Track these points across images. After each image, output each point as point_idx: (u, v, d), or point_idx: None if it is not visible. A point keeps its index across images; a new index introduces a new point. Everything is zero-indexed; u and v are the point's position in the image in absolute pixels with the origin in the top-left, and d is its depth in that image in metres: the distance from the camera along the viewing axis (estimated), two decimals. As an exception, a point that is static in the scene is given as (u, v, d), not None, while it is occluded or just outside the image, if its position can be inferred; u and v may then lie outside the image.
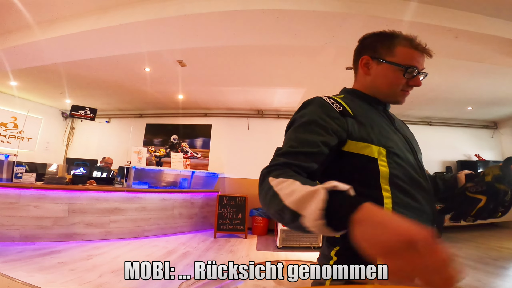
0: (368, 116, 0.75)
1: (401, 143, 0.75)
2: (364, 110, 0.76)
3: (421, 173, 0.74)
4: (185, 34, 3.09)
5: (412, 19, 2.53)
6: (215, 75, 4.45)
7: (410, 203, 0.68)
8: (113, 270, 2.88)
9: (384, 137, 0.72)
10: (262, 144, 6.20)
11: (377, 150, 0.69)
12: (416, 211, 0.68)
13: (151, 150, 6.67)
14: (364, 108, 0.78)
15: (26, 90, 5.80)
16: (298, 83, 4.63)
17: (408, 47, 0.76)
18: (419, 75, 0.77)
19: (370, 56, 0.81)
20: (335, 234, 0.45)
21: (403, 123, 0.91)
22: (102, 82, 4.99)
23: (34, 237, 3.66)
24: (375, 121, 0.75)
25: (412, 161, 0.74)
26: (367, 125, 0.72)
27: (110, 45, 3.40)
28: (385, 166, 0.68)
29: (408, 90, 0.79)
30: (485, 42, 2.85)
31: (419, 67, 0.76)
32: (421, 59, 0.77)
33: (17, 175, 3.82)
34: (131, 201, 4.45)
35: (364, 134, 0.70)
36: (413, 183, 0.70)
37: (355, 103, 0.76)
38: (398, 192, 0.67)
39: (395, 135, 0.76)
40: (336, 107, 0.72)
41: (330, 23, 2.73)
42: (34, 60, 3.90)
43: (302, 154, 0.64)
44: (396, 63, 0.75)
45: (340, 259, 0.68)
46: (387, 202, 0.66)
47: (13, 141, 6.08)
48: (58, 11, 3.12)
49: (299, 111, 0.76)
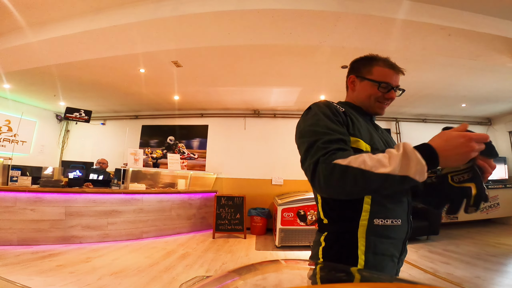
0: (359, 121, 0.90)
1: (382, 145, 0.91)
2: (356, 117, 0.91)
3: None
4: (180, 34, 3.08)
5: (405, 17, 2.56)
6: (210, 76, 4.44)
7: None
8: (112, 272, 2.88)
9: (370, 138, 0.87)
10: (259, 144, 6.21)
11: (365, 146, 0.84)
12: (393, 201, 0.82)
13: (148, 152, 6.64)
14: (356, 116, 0.93)
15: (20, 93, 5.74)
16: (294, 83, 4.64)
17: (383, 67, 0.94)
18: (393, 90, 0.94)
19: (355, 75, 1.00)
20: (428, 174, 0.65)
21: (387, 133, 1.06)
22: (97, 84, 4.95)
23: (31, 240, 3.63)
24: (363, 126, 0.89)
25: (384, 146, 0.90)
26: (358, 126, 0.87)
27: (104, 46, 3.38)
28: None
29: (385, 102, 0.96)
30: (477, 40, 2.89)
31: (393, 83, 0.93)
32: (395, 76, 0.94)
33: (12, 178, 3.79)
34: (129, 203, 4.43)
35: (356, 131, 0.85)
36: None
37: (349, 111, 0.92)
38: None
39: (378, 138, 0.91)
40: (339, 108, 0.89)
41: (325, 22, 2.74)
42: (27, 62, 3.86)
43: (340, 140, 0.78)
44: (372, 79, 0.94)
45: (327, 244, 0.84)
46: None
47: (8, 145, 6.01)
48: (50, 13, 3.09)
49: (307, 113, 0.91)
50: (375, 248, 0.78)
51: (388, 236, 0.80)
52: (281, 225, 4.37)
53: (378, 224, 0.79)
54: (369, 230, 0.79)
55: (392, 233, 0.81)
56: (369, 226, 0.79)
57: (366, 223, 0.79)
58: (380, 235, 0.79)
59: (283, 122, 6.32)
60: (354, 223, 0.80)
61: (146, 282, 2.66)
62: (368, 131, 0.89)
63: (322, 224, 0.88)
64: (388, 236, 0.80)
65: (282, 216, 4.41)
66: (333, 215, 0.85)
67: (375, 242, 0.79)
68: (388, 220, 0.80)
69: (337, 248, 0.82)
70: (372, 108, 0.97)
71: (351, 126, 0.85)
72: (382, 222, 0.79)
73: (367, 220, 0.79)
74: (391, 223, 0.80)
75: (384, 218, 0.80)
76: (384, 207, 0.80)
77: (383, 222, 0.79)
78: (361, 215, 0.79)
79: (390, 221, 0.80)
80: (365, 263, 0.78)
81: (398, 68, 0.94)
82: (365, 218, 0.79)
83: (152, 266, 3.16)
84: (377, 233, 0.79)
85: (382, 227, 0.79)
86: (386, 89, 0.93)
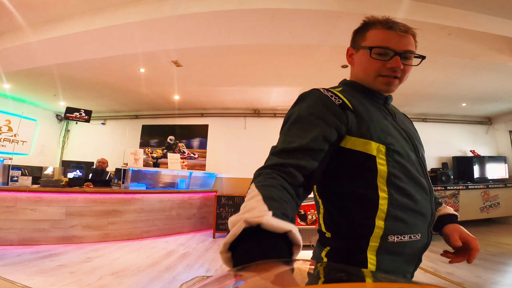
0: (368, 109, 0.70)
1: (402, 139, 0.70)
2: (364, 104, 0.71)
3: (422, 172, 0.70)
4: (180, 34, 3.08)
5: (405, 17, 2.55)
6: (210, 75, 4.44)
7: (408, 204, 0.65)
8: (113, 272, 2.88)
9: (384, 133, 0.67)
10: (259, 143, 6.20)
11: (377, 147, 0.64)
12: (413, 213, 0.65)
13: (148, 152, 6.64)
14: (363, 101, 0.72)
15: (20, 93, 5.74)
16: (294, 82, 4.64)
17: (380, 29, 0.70)
18: (397, 56, 0.68)
19: (351, 47, 0.80)
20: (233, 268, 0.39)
21: (406, 117, 0.86)
22: (97, 84, 4.95)
23: (32, 240, 3.64)
24: (374, 116, 0.69)
25: (414, 158, 0.69)
26: (367, 119, 0.67)
27: (104, 46, 3.38)
28: (383, 165, 0.64)
29: (390, 75, 0.71)
30: (478, 39, 2.88)
31: (395, 47, 0.68)
32: (397, 39, 0.69)
33: (13, 178, 3.79)
34: (129, 202, 4.43)
35: (364, 129, 0.65)
36: (413, 183, 0.67)
37: (354, 96, 0.71)
38: (396, 192, 0.64)
39: (396, 131, 0.70)
40: (335, 100, 0.67)
41: (325, 22, 2.74)
42: (27, 62, 3.86)
43: (299, 151, 0.58)
44: (365, 46, 0.72)
45: (329, 261, 0.68)
46: (383, 203, 0.63)
47: (8, 145, 6.01)
48: (50, 13, 3.09)
49: (295, 105, 0.70)
50: (386, 267, 0.65)
51: (403, 253, 0.66)
52: (282, 225, 4.36)
53: (393, 242, 0.63)
54: (381, 248, 0.64)
55: (408, 249, 0.66)
56: (381, 244, 0.63)
57: (378, 241, 0.63)
58: (394, 253, 0.65)
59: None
60: (363, 240, 0.64)
61: (147, 282, 2.66)
62: (382, 124, 0.69)
63: (324, 237, 0.72)
64: (403, 253, 0.66)
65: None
66: (337, 229, 0.69)
67: (387, 261, 0.65)
68: (405, 236, 0.64)
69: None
70: (374, 85, 0.73)
71: (355, 123, 0.65)
72: (398, 238, 0.64)
73: (380, 237, 0.63)
74: (408, 239, 0.65)
75: (401, 234, 0.64)
76: (402, 222, 0.64)
77: (399, 238, 0.64)
78: (373, 232, 0.63)
79: (408, 236, 0.64)
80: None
81: (401, 27, 0.69)
82: (377, 235, 0.63)
83: (152, 266, 3.16)
84: (391, 251, 0.64)
85: (397, 245, 0.64)
86: (386, 56, 0.69)
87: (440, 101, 5.47)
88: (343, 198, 0.68)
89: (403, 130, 0.73)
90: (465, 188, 5.62)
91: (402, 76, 0.72)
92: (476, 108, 5.91)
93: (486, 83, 4.42)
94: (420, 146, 0.76)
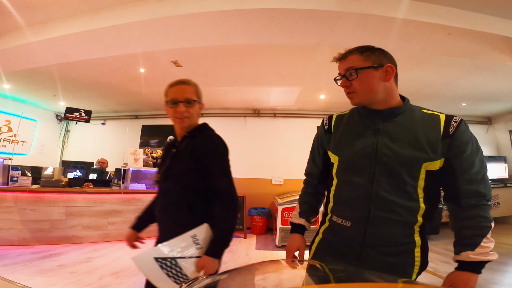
0: (347, 130, 1.00)
1: (358, 151, 0.93)
2: (348, 125, 1.01)
3: (373, 162, 0.90)
4: (180, 34, 3.07)
5: (405, 17, 2.56)
6: (210, 75, 4.44)
7: (351, 182, 0.94)
8: (113, 272, 2.88)
9: (343, 149, 0.98)
10: (259, 143, 6.21)
11: (334, 157, 1.01)
12: (355, 187, 0.93)
13: (148, 152, 6.64)
14: (350, 122, 1.01)
15: (20, 93, 5.74)
16: (293, 82, 4.64)
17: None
18: (339, 79, 0.98)
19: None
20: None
21: (413, 127, 0.91)
22: (96, 84, 4.95)
23: (32, 240, 3.64)
24: (347, 135, 0.99)
25: (367, 156, 0.91)
26: (336, 139, 1.02)
27: (103, 46, 3.38)
28: (335, 168, 1.01)
29: (346, 92, 0.96)
30: (477, 39, 2.88)
31: (340, 72, 0.98)
32: (340, 66, 0.98)
33: (12, 179, 3.80)
34: (129, 202, 4.43)
35: (332, 146, 1.03)
36: (356, 171, 0.93)
37: (348, 119, 1.02)
38: (340, 181, 1.00)
39: (360, 145, 0.93)
40: (325, 125, 1.08)
41: (325, 22, 2.74)
42: (26, 62, 3.86)
43: (309, 174, 1.18)
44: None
45: (324, 235, 1.06)
46: (334, 183, 1.01)
47: (8, 145, 6.01)
48: (49, 13, 3.08)
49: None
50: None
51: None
52: (282, 225, 4.37)
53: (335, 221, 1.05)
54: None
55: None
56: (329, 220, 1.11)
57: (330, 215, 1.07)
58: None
59: (283, 122, 6.32)
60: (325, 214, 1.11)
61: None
62: (348, 139, 0.98)
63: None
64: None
65: (282, 215, 4.41)
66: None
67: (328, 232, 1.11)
68: (339, 219, 1.00)
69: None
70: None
71: (330, 142, 1.04)
72: (337, 219, 1.04)
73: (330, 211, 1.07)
74: (341, 222, 0.98)
75: (338, 217, 1.01)
76: (340, 206, 1.03)
77: (337, 219, 1.03)
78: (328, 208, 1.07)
79: (341, 220, 0.99)
80: None
81: (339, 56, 1.00)
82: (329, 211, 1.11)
83: (152, 266, 3.16)
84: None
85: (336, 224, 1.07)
86: (337, 81, 1.00)
87: (440, 101, 5.46)
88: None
89: (376, 144, 0.90)
90: (465, 188, 5.62)
91: (349, 91, 0.95)
92: (476, 107, 5.91)
93: (486, 83, 4.42)
94: (390, 144, 0.90)
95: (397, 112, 0.92)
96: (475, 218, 0.85)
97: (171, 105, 1.16)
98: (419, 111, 0.93)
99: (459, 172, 0.85)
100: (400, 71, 0.95)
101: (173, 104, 1.16)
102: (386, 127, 0.91)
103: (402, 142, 0.88)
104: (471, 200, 0.85)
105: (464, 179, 0.85)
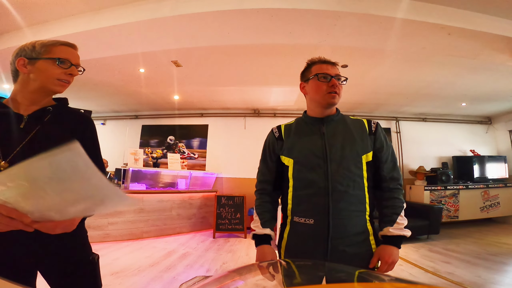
0: (297, 136, 1.15)
1: (310, 152, 1.08)
2: (298, 131, 1.17)
3: (325, 159, 1.05)
4: (180, 34, 3.08)
5: (405, 17, 2.56)
6: (210, 75, 4.44)
7: (308, 180, 1.06)
8: (113, 272, 2.88)
9: (296, 151, 1.11)
10: (259, 143, 6.14)
11: (288, 160, 1.12)
12: (312, 184, 1.05)
13: (148, 152, 6.64)
14: (299, 129, 1.17)
15: (20, 93, 5.74)
16: (293, 82, 4.63)
17: (318, 64, 1.13)
18: (333, 78, 1.08)
19: (302, 81, 1.21)
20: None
21: (346, 124, 1.14)
22: (96, 84, 4.95)
23: (31, 241, 3.63)
24: (297, 140, 1.14)
25: (319, 156, 1.06)
26: (289, 144, 1.14)
27: (103, 46, 3.38)
28: (291, 170, 1.11)
29: (333, 91, 1.07)
30: (477, 39, 2.88)
31: (330, 73, 1.08)
32: (331, 68, 1.10)
33: (12, 179, 3.79)
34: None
35: (285, 150, 1.14)
36: (311, 170, 1.06)
37: (296, 126, 1.19)
38: (297, 181, 1.10)
39: (311, 147, 1.09)
40: (276, 133, 1.21)
41: (325, 22, 2.74)
42: (27, 63, 3.85)
43: (263, 182, 1.24)
44: (314, 74, 1.11)
45: (289, 238, 1.14)
46: (291, 185, 1.11)
47: (8, 145, 6.00)
48: (49, 13, 3.09)
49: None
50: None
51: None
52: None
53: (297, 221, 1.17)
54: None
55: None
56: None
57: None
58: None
59: (283, 122, 6.25)
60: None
61: (147, 282, 2.67)
62: (299, 144, 1.12)
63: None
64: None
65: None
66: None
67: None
68: (301, 218, 1.09)
69: None
70: (325, 100, 1.09)
71: (282, 148, 1.16)
72: (298, 219, 1.12)
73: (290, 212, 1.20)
74: (304, 221, 1.07)
75: (299, 217, 1.10)
76: (298, 207, 1.12)
77: (299, 219, 1.11)
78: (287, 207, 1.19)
79: (303, 219, 1.07)
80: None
81: (330, 61, 1.12)
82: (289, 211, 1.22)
83: (152, 266, 3.16)
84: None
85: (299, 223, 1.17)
86: (326, 79, 1.08)
87: (440, 101, 5.47)
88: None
89: (324, 145, 1.08)
90: (465, 187, 5.63)
91: (337, 91, 1.09)
92: (476, 107, 5.91)
93: (486, 83, 4.42)
94: (338, 145, 1.08)
95: (334, 119, 1.15)
96: (391, 199, 1.09)
97: (60, 64, 0.95)
98: (348, 117, 1.17)
99: (381, 162, 1.09)
100: (400, 71, 0.99)
101: (63, 64, 0.97)
102: (329, 130, 1.12)
103: (344, 140, 1.08)
104: (390, 184, 1.10)
105: (385, 167, 1.10)
